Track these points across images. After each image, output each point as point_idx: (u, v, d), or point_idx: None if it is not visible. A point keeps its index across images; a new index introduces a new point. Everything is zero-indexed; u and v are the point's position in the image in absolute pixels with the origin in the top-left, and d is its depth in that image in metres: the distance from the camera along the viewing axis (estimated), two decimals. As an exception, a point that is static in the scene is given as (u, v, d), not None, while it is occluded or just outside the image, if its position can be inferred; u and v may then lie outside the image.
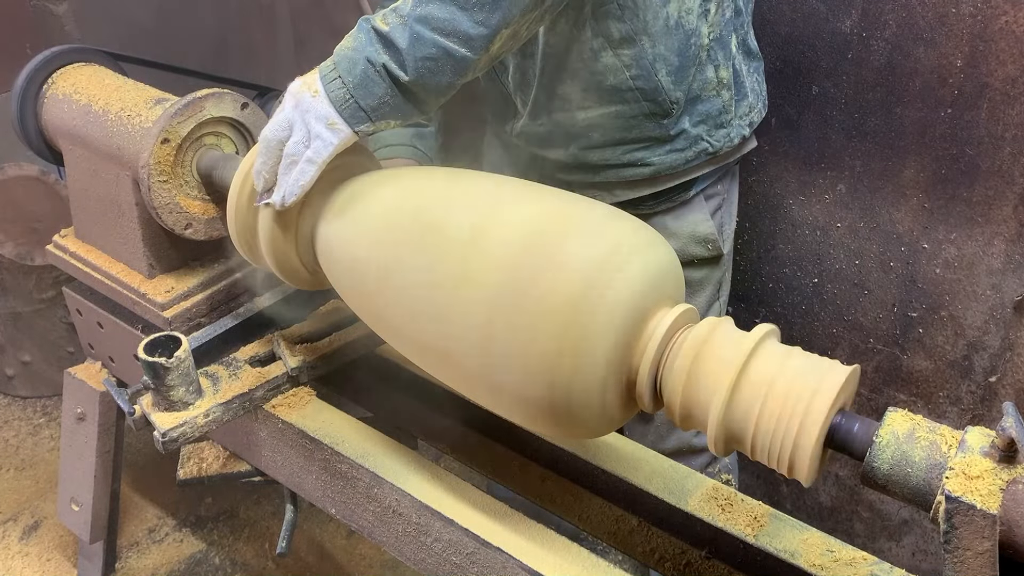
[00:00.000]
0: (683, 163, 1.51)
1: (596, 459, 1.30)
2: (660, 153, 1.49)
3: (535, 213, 1.07)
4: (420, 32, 1.13)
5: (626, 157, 1.50)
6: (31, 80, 1.57)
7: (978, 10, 1.51)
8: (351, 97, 1.14)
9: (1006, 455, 0.82)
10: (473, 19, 1.13)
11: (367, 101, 1.15)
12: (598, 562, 1.12)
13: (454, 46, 1.14)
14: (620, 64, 1.40)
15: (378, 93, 1.15)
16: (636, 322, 1.00)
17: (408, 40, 1.13)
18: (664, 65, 1.41)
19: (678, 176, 1.53)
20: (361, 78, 1.14)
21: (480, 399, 1.11)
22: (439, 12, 1.12)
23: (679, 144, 1.49)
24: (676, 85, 1.43)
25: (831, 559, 1.12)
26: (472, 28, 1.14)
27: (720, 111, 1.50)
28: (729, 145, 1.53)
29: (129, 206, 1.46)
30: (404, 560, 1.30)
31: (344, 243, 1.18)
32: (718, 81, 1.48)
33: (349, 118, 1.15)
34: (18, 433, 2.54)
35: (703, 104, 1.48)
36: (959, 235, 1.67)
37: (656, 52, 1.40)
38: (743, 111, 1.54)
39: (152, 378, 1.26)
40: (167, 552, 2.17)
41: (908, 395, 1.87)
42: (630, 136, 1.48)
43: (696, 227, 1.58)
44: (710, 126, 1.50)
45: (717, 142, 1.51)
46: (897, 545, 2.01)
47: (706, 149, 1.51)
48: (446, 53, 1.14)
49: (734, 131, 1.53)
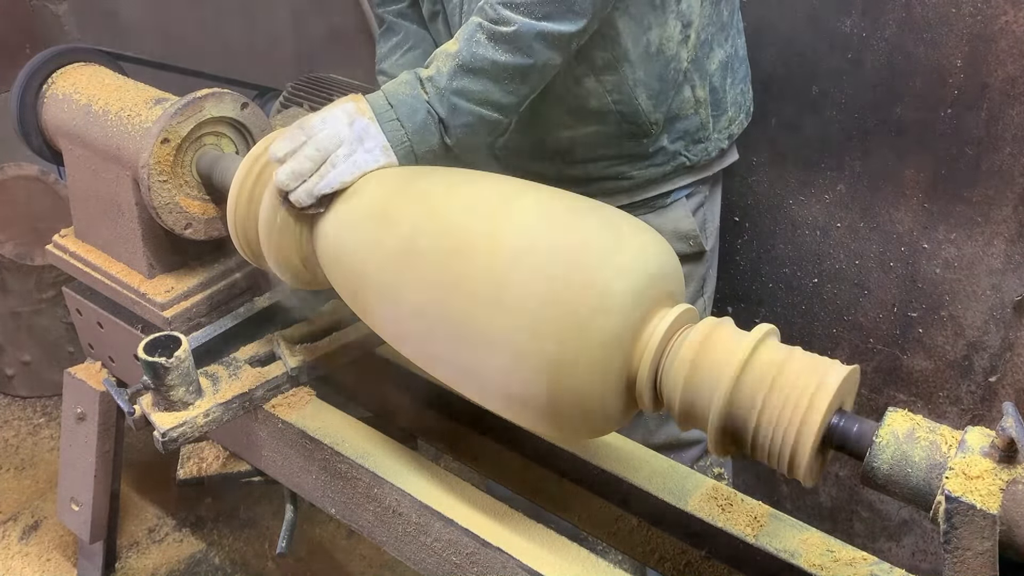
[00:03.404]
0: (662, 176, 1.57)
1: (596, 459, 1.30)
2: (640, 167, 1.55)
3: (536, 216, 1.07)
4: (457, 103, 1.24)
5: (607, 171, 1.56)
6: (31, 80, 1.57)
7: (978, 10, 1.51)
8: (408, 142, 1.23)
9: (1006, 455, 0.82)
10: (504, 90, 1.26)
11: (421, 148, 1.24)
12: (598, 562, 1.12)
13: (489, 113, 1.27)
14: (602, 89, 1.46)
15: (431, 143, 1.25)
16: (636, 322, 1.00)
17: (447, 111, 1.24)
18: (644, 90, 1.46)
19: (657, 187, 1.58)
20: (421, 126, 1.23)
21: (480, 399, 1.11)
22: (473, 86, 1.24)
23: (658, 160, 1.54)
24: (655, 108, 1.48)
25: (831, 559, 1.12)
26: (504, 98, 1.26)
27: (698, 128, 1.55)
28: (707, 158, 1.58)
29: (129, 206, 1.46)
30: (404, 560, 1.30)
31: (344, 242, 1.18)
32: (695, 100, 1.52)
33: (402, 158, 1.23)
34: (18, 433, 2.54)
35: (681, 122, 1.53)
36: (959, 235, 1.67)
37: (636, 77, 1.45)
38: (722, 125, 1.59)
39: (152, 378, 1.26)
40: (167, 552, 2.17)
41: (908, 395, 1.87)
42: (611, 152, 1.54)
43: (678, 224, 1.61)
44: (688, 142, 1.55)
45: (695, 156, 1.56)
46: (897, 545, 2.01)
47: (684, 163, 1.56)
48: (481, 119, 1.27)
49: (712, 145, 1.58)
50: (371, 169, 1.20)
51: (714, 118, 1.56)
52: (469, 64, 1.24)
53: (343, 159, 1.18)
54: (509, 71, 1.24)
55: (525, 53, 1.24)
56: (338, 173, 1.18)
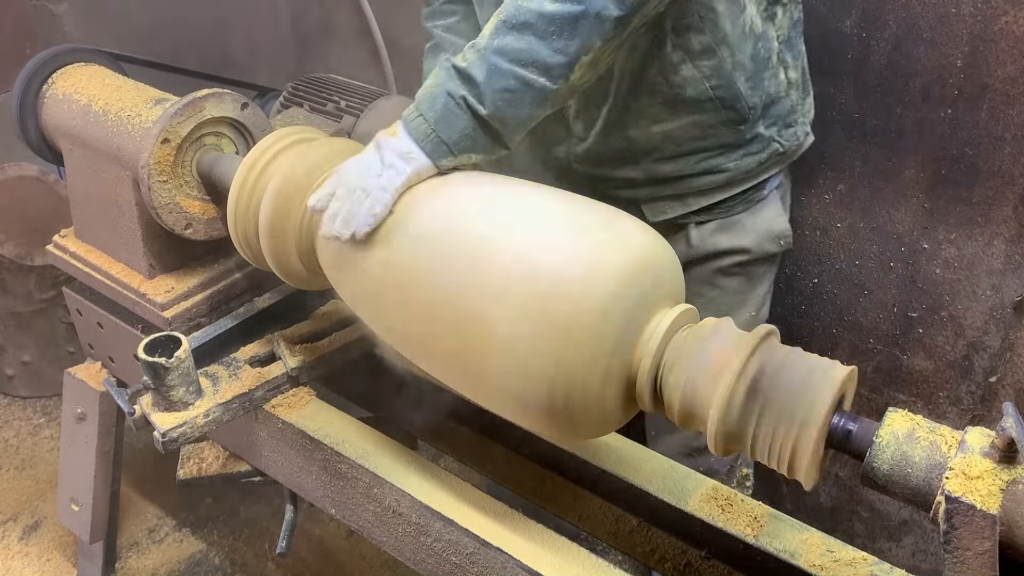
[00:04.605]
0: (756, 165, 1.51)
1: (596, 459, 1.30)
2: (735, 158, 1.49)
3: (536, 216, 1.07)
4: (497, 63, 1.12)
5: (701, 165, 1.49)
6: (31, 80, 1.58)
7: (978, 10, 1.51)
8: (433, 132, 1.14)
9: (1006, 455, 0.82)
10: (551, 47, 1.12)
11: (448, 134, 1.14)
12: (598, 562, 1.12)
13: (533, 76, 1.13)
14: (700, 75, 1.39)
15: (459, 126, 1.14)
16: (636, 322, 1.00)
17: (486, 72, 1.12)
18: (742, 72, 1.40)
19: (751, 178, 1.53)
20: (442, 112, 1.14)
21: (480, 400, 1.11)
22: (516, 43, 1.12)
23: (753, 148, 1.49)
24: (753, 91, 1.43)
25: (831, 559, 1.12)
26: (550, 57, 1.12)
27: (789, 111, 1.51)
28: (796, 144, 1.54)
29: (129, 206, 1.46)
30: (404, 560, 1.30)
31: (344, 243, 1.18)
32: (788, 82, 1.48)
33: (431, 152, 1.14)
34: (18, 433, 2.54)
35: (775, 106, 1.48)
36: (959, 235, 1.67)
37: (735, 60, 1.39)
38: (807, 108, 1.56)
39: (152, 378, 1.26)
40: (167, 552, 2.17)
41: (908, 395, 1.87)
42: (705, 144, 1.47)
43: (772, 223, 1.58)
44: (780, 126, 1.50)
45: (786, 141, 1.52)
46: (897, 545, 2.01)
47: (777, 150, 1.51)
48: (524, 84, 1.13)
49: (799, 129, 1.54)
50: (400, 185, 1.13)
51: (802, 100, 1.53)
52: (513, 18, 1.13)
53: (373, 185, 1.13)
54: (557, 22, 1.12)
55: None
56: (371, 203, 1.12)
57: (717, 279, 1.59)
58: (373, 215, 1.12)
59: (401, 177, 1.13)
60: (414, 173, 1.13)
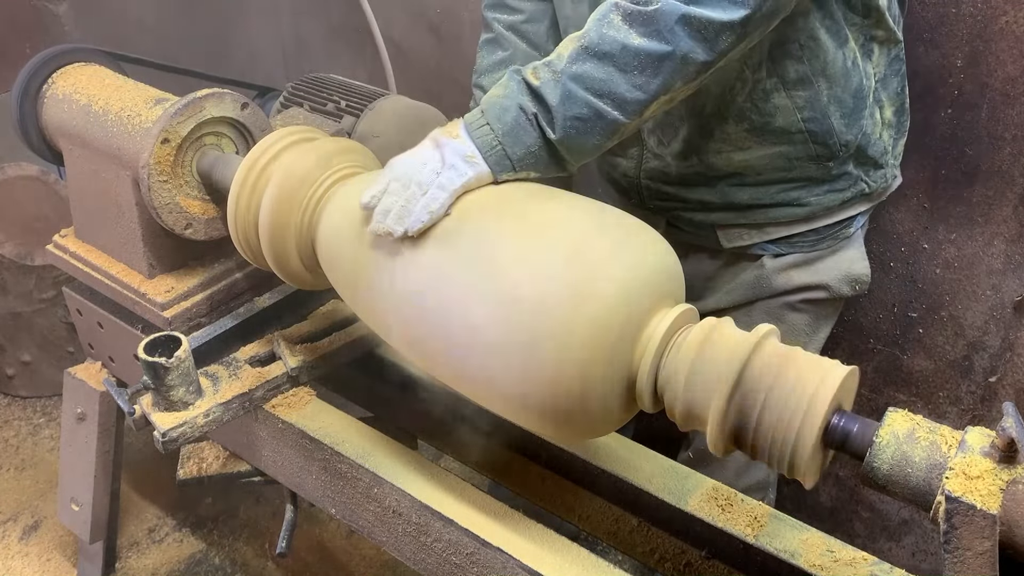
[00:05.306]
0: (839, 203, 1.45)
1: (596, 459, 1.30)
2: (818, 193, 1.43)
3: (537, 217, 1.07)
4: (573, 90, 1.08)
5: (780, 196, 1.44)
6: (31, 80, 1.57)
7: (978, 10, 1.51)
8: (499, 144, 1.10)
9: (1006, 455, 0.82)
10: (631, 82, 1.09)
11: (514, 150, 1.10)
12: (598, 562, 1.12)
13: (607, 108, 1.09)
14: (792, 106, 1.34)
15: (527, 142, 1.10)
16: (636, 322, 1.00)
17: (559, 97, 1.08)
18: (839, 108, 1.35)
19: (832, 214, 1.47)
20: (512, 125, 1.10)
21: (480, 399, 1.11)
22: (596, 72, 1.08)
23: (839, 185, 1.44)
24: (848, 128, 1.37)
25: (831, 559, 1.12)
26: (628, 92, 1.09)
27: (881, 152, 1.45)
28: (884, 185, 1.49)
29: (129, 206, 1.46)
30: (404, 560, 1.30)
31: (344, 242, 1.18)
32: (883, 122, 1.43)
33: (494, 164, 1.10)
34: (18, 433, 2.54)
35: (869, 147, 1.42)
36: (959, 235, 1.67)
37: (831, 93, 1.34)
38: (898, 151, 1.50)
39: (152, 378, 1.26)
40: (167, 552, 2.17)
41: (908, 395, 1.87)
42: (789, 176, 1.42)
43: (852, 266, 1.52)
44: (869, 167, 1.45)
45: (874, 183, 1.46)
46: (897, 545, 2.01)
47: (863, 190, 1.46)
48: (597, 114, 1.09)
49: (889, 171, 1.49)
50: (459, 187, 1.08)
51: (895, 141, 1.48)
52: (596, 46, 1.09)
53: (430, 182, 1.08)
54: (641, 58, 1.08)
55: (664, 38, 1.07)
56: (428, 200, 1.07)
57: (785, 314, 1.53)
58: (429, 212, 1.07)
59: (462, 179, 1.08)
60: (475, 177, 1.09)
